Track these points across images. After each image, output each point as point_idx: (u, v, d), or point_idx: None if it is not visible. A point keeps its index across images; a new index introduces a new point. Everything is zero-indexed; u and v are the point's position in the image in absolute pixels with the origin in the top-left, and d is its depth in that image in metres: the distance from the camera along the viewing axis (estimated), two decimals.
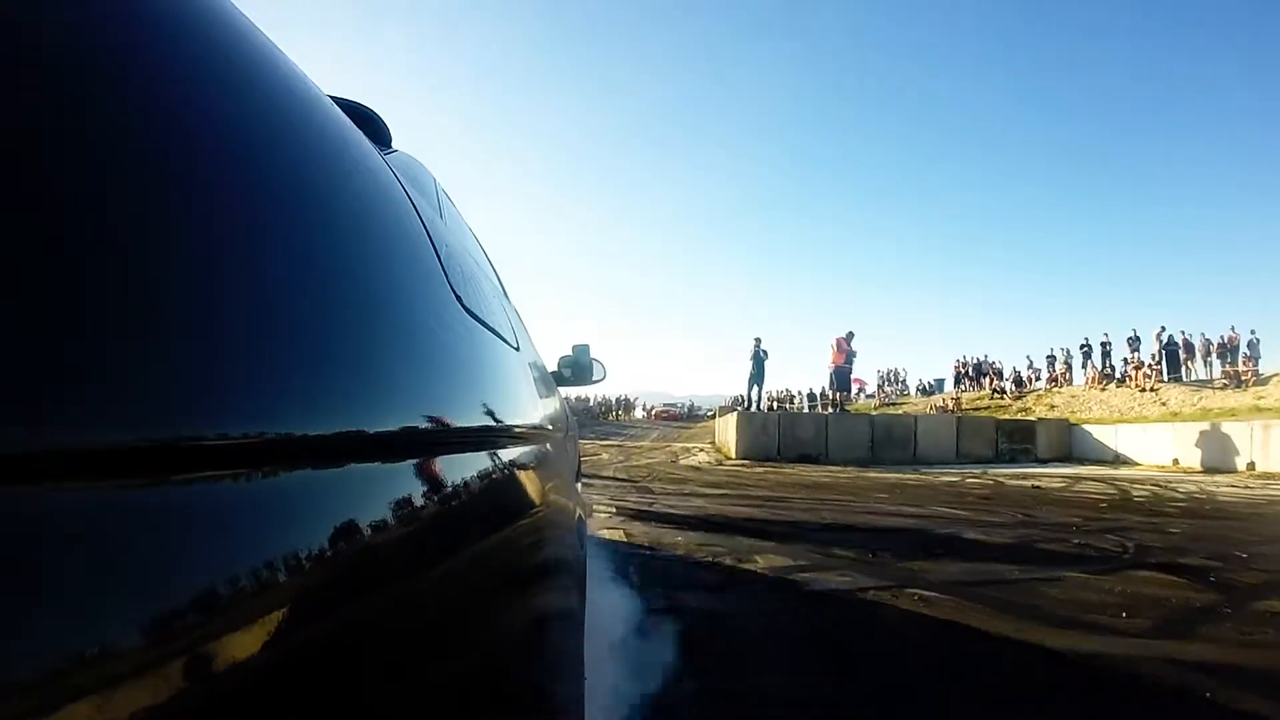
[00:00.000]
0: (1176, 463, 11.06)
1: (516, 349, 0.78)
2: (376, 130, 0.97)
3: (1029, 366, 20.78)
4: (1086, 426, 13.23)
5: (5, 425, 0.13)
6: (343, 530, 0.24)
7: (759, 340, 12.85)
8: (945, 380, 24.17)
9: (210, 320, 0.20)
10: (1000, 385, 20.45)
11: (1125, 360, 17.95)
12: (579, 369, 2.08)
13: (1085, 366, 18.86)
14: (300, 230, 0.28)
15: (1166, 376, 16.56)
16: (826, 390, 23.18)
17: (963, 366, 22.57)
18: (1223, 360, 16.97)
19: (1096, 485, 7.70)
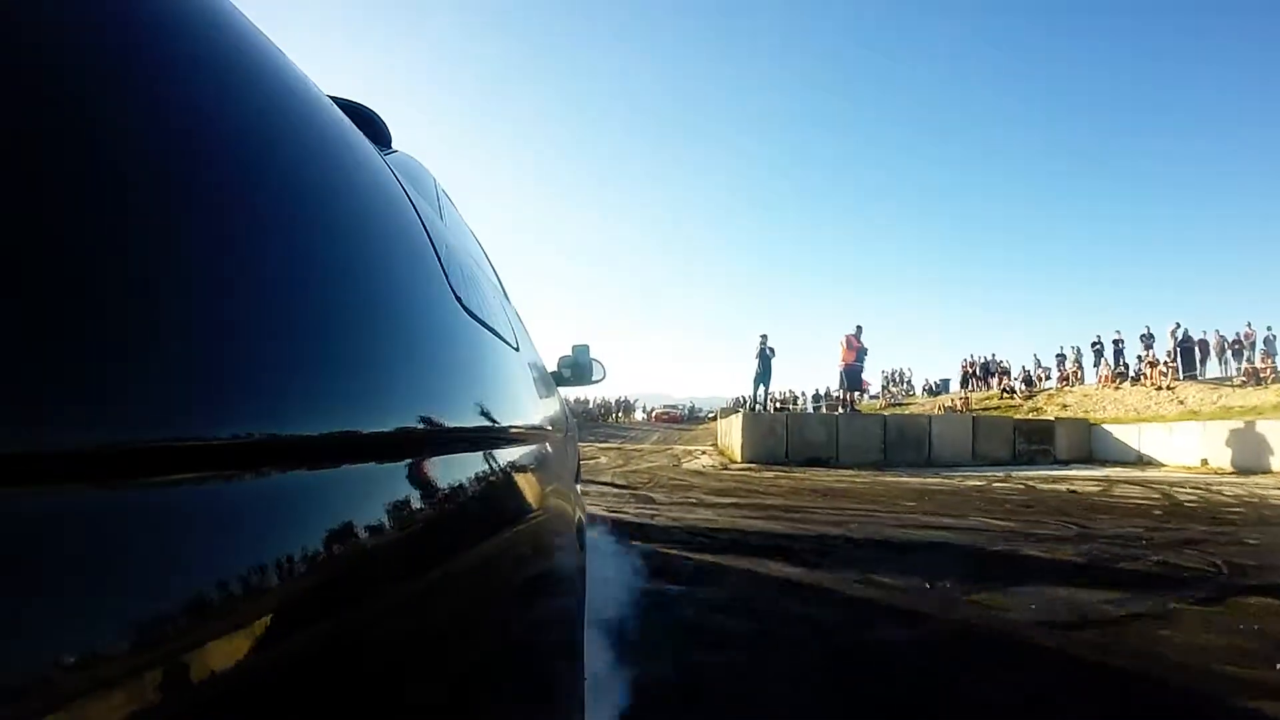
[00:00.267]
0: (1205, 463, 10.48)
1: (516, 349, 0.77)
2: (376, 130, 0.94)
3: (1038, 365, 20.28)
4: (1107, 426, 12.63)
5: (5, 425, 0.13)
6: (343, 530, 0.24)
7: (765, 337, 12.08)
8: (950, 380, 23.66)
9: (210, 320, 0.20)
10: (1010, 385, 19.90)
11: (1139, 358, 17.43)
12: (579, 369, 2.02)
13: (1098, 365, 18.35)
14: (300, 231, 0.28)
15: (1182, 374, 16.04)
16: (835, 390, 22.90)
17: (970, 366, 22.04)
18: (1238, 358, 16.53)
19: (1135, 489, 7.11)
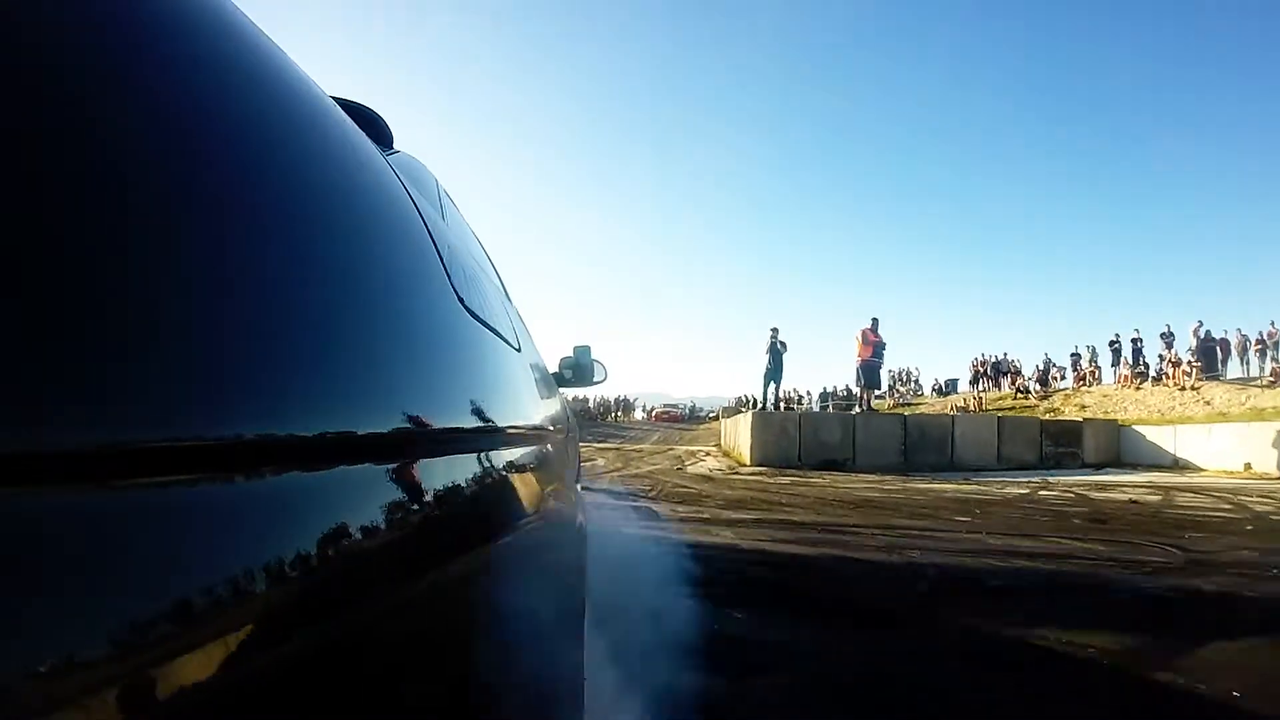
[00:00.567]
0: (1249, 468, 9.71)
1: (518, 350, 0.78)
2: (379, 131, 0.92)
3: (1051, 365, 19.52)
4: (1138, 428, 11.86)
5: (5, 425, 0.13)
6: (347, 530, 0.24)
7: (776, 330, 11.13)
8: (958, 380, 22.89)
9: (212, 321, 0.20)
10: (1024, 384, 19.13)
11: (1160, 357, 16.68)
12: (580, 370, 2.00)
13: (1116, 364, 17.59)
14: (303, 231, 0.28)
15: (1204, 374, 15.29)
16: (841, 389, 22.10)
17: (981, 365, 21.25)
18: (1262, 357, 15.80)
19: (1201, 499, 6.31)
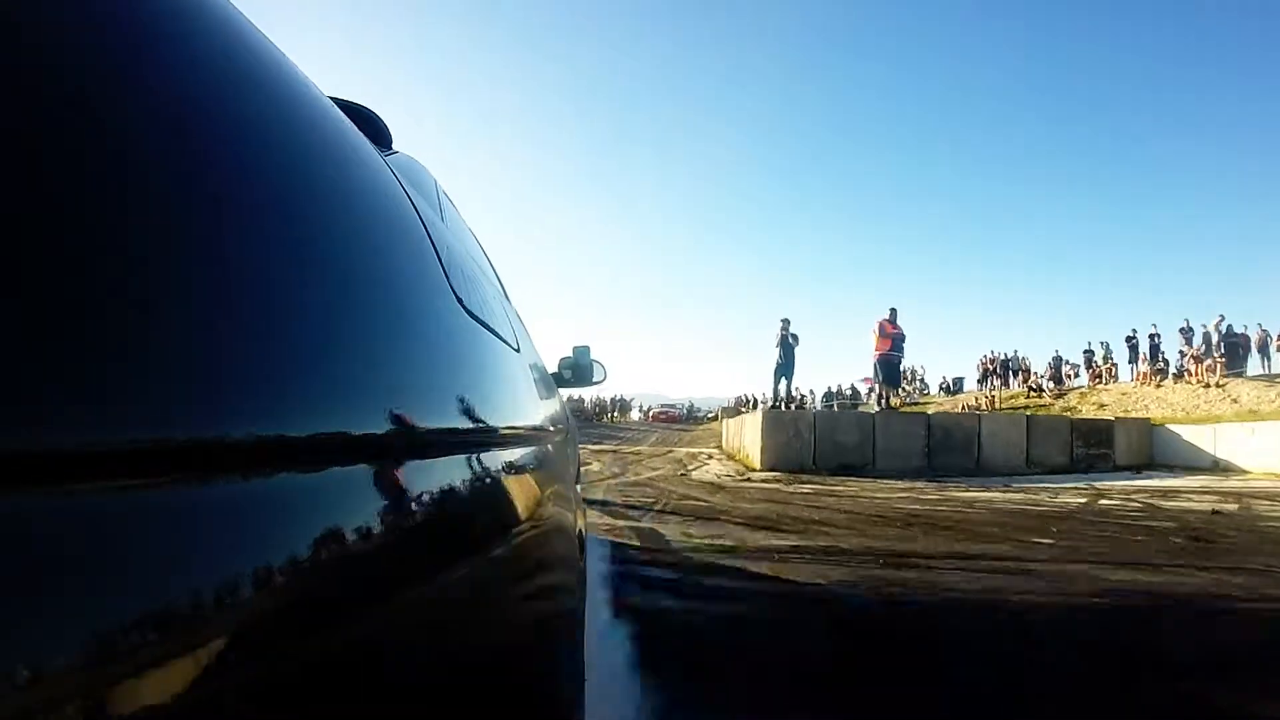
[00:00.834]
0: None
1: (517, 350, 0.77)
2: (377, 131, 0.93)
3: (1063, 362, 18.80)
4: (1173, 427, 11.09)
5: (5, 425, 0.13)
6: (344, 531, 0.24)
7: (787, 322, 10.21)
8: (965, 379, 22.13)
9: (210, 321, 0.20)
10: (1037, 382, 18.39)
11: (1181, 353, 15.97)
12: (579, 370, 2.00)
13: (1133, 361, 16.88)
14: (300, 231, 0.28)
15: (1227, 371, 14.58)
16: (858, 387, 21.23)
17: (990, 363, 20.51)
18: None
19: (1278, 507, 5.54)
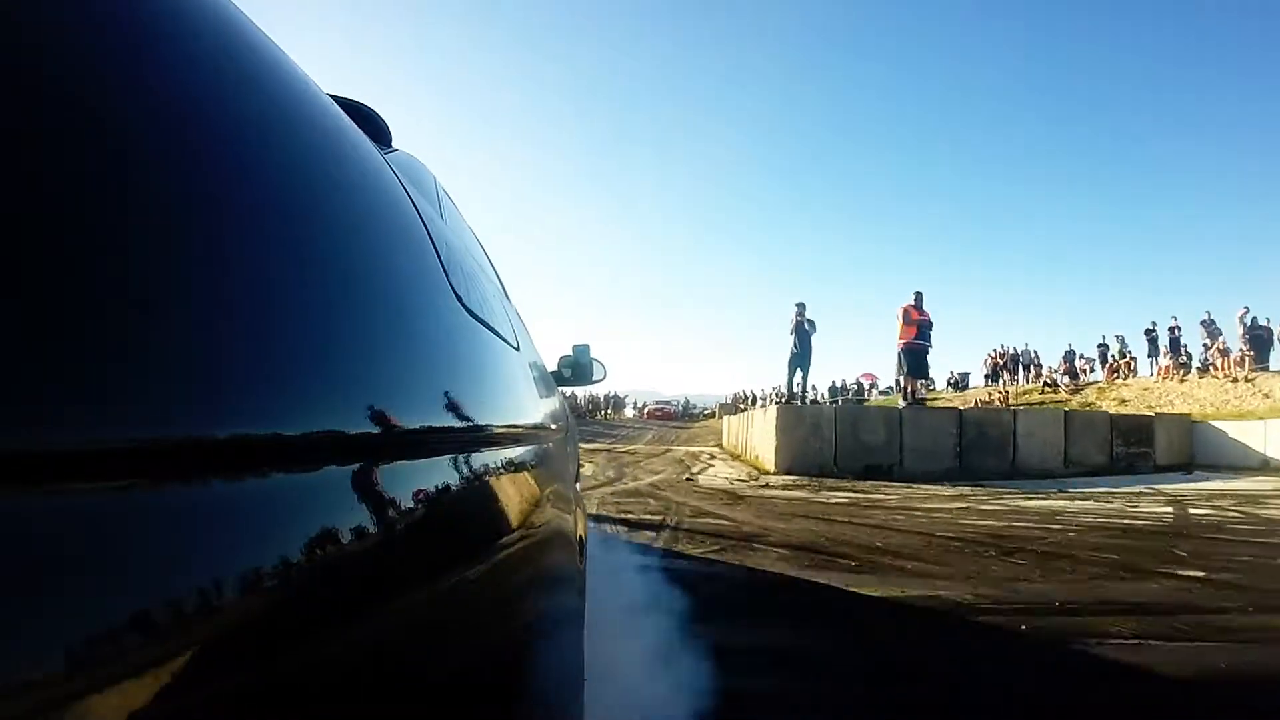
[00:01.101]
0: None
1: (517, 349, 0.78)
2: (377, 129, 0.92)
3: (1077, 356, 18.01)
4: (1218, 424, 10.25)
5: (5, 425, 0.13)
6: (344, 530, 0.24)
7: (802, 306, 8.94)
8: (970, 374, 21.32)
9: (209, 320, 0.20)
10: (1051, 377, 17.57)
11: (1205, 346, 15.20)
12: (579, 369, 2.01)
13: (1153, 355, 16.10)
14: (300, 230, 0.28)
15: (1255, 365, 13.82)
16: (862, 383, 20.25)
17: (1000, 357, 19.67)
18: None
19: None
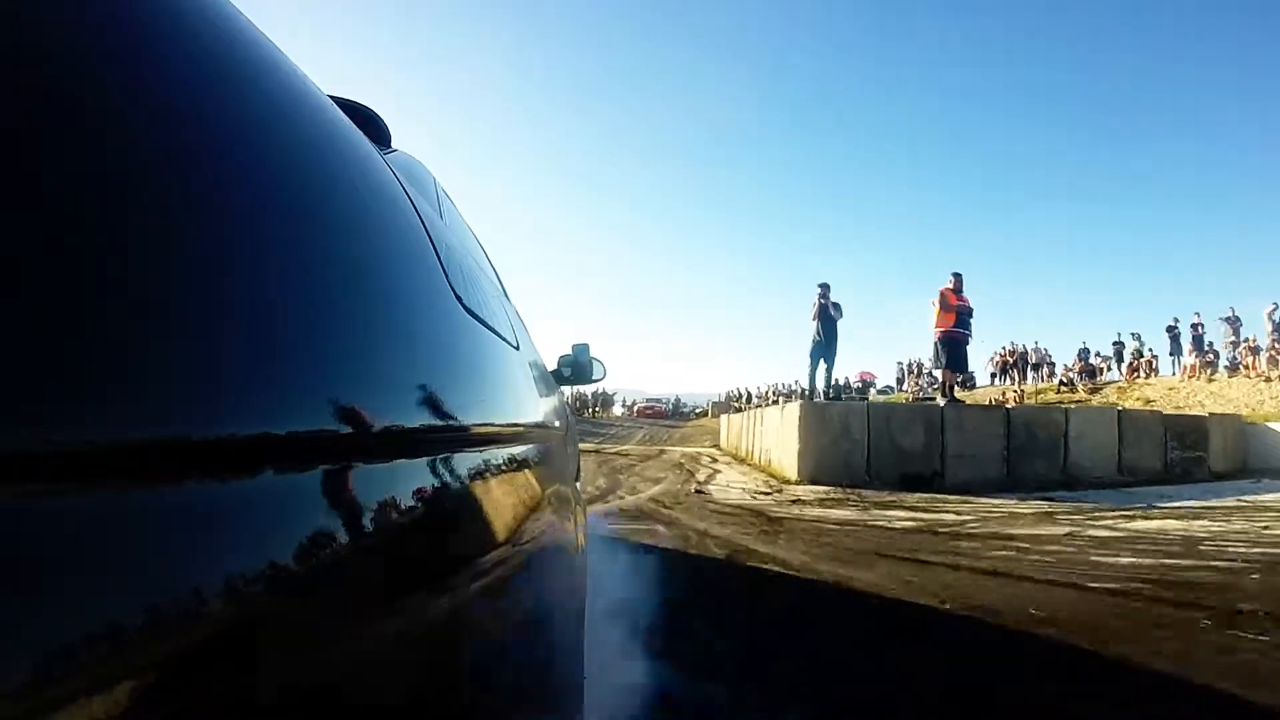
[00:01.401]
0: None
1: (516, 348, 0.78)
2: (376, 130, 0.92)
3: (1095, 354, 17.12)
4: (1275, 425, 9.27)
5: (5, 425, 0.13)
6: (344, 530, 0.24)
7: (826, 288, 7.61)
8: (975, 373, 20.37)
9: (209, 320, 0.20)
10: (1068, 375, 16.64)
11: (1233, 344, 14.34)
12: (579, 368, 2.02)
13: (1175, 353, 15.23)
14: (300, 230, 0.28)
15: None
16: (866, 381, 18.84)
17: (1010, 355, 18.75)
18: None
19: None
